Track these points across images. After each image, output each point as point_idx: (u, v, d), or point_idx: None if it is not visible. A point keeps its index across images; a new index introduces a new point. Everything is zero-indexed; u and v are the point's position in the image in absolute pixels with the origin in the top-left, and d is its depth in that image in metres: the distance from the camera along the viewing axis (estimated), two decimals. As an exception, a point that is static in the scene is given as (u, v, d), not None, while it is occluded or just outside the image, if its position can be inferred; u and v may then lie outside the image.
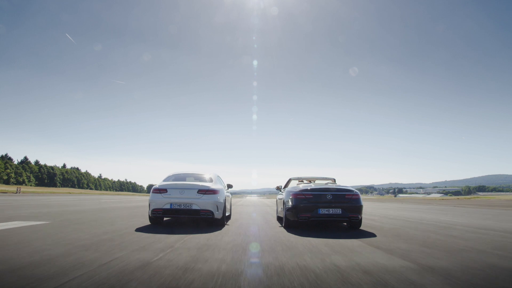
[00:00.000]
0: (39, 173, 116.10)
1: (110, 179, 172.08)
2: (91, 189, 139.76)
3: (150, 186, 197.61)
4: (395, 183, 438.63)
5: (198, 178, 7.71)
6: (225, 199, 7.37)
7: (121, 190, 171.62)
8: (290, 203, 6.76)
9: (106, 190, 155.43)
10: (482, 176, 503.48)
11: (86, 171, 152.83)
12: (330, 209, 6.47)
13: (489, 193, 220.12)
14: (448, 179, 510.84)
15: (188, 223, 7.46)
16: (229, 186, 8.88)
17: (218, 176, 8.12)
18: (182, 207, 6.64)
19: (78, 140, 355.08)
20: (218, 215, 6.81)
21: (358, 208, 6.56)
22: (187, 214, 6.65)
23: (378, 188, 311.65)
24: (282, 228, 6.95)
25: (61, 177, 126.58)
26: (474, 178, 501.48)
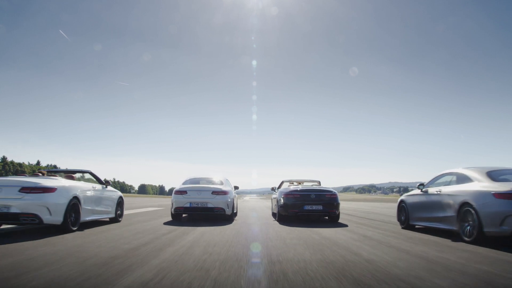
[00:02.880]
0: (3, 171, 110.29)
1: None
2: None
3: (142, 186, 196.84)
4: (395, 182, 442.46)
5: (210, 181, 9.43)
6: (233, 199, 9.10)
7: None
8: (282, 201, 8.69)
9: None
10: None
11: (66, 169, 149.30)
12: (313, 206, 8.39)
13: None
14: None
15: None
16: (236, 187, 10.54)
17: (227, 179, 9.87)
18: (199, 206, 8.30)
19: (77, 140, 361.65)
20: (228, 211, 8.48)
21: (336, 205, 8.55)
22: (203, 212, 8.42)
23: (381, 187, 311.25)
24: (276, 221, 8.89)
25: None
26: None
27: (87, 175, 7.38)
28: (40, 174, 6.75)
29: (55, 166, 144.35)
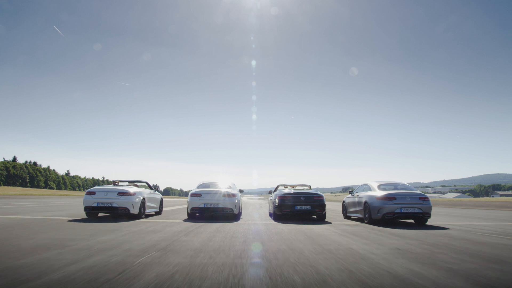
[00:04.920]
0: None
1: (82, 177, 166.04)
2: (51, 188, 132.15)
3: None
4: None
5: (219, 185, 11.47)
6: (240, 200, 11.29)
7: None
8: (277, 202, 10.64)
9: (74, 189, 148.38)
10: (481, 175, 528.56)
11: (48, 167, 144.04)
12: (303, 206, 10.35)
13: (507, 191, 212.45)
14: (447, 178, 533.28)
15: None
16: (241, 191, 12.62)
17: (233, 183, 12.17)
18: (212, 206, 10.49)
19: (76, 140, 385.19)
20: (236, 211, 10.74)
21: (322, 206, 10.56)
22: (215, 212, 10.59)
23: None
24: (272, 219, 11.09)
25: (5, 173, 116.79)
26: (473, 177, 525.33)
27: (143, 184, 12.06)
28: (116, 183, 11.39)
29: (34, 163, 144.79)
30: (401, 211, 9.38)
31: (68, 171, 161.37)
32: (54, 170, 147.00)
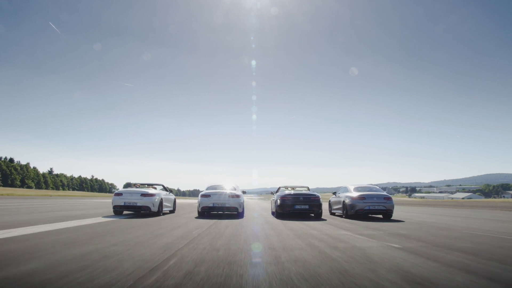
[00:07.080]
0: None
1: (69, 175, 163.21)
2: (29, 187, 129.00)
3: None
4: (393, 182, 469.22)
5: (225, 187, 13.75)
6: (243, 201, 13.57)
7: (82, 189, 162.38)
8: (278, 202, 12.90)
9: (57, 189, 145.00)
10: (482, 175, 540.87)
11: (27, 164, 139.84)
12: (302, 206, 12.61)
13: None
14: (447, 178, 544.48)
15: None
16: (244, 192, 14.67)
17: (238, 185, 14.47)
18: (219, 205, 12.79)
19: (76, 140, 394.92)
20: (240, 210, 13.03)
21: (319, 205, 12.91)
22: (222, 210, 12.97)
23: (383, 188, 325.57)
24: (274, 217, 13.21)
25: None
26: (473, 177, 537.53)
27: (159, 186, 15.08)
28: (137, 186, 14.39)
29: (11, 160, 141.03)
30: (369, 208, 12.66)
31: (51, 169, 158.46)
32: (34, 168, 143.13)
